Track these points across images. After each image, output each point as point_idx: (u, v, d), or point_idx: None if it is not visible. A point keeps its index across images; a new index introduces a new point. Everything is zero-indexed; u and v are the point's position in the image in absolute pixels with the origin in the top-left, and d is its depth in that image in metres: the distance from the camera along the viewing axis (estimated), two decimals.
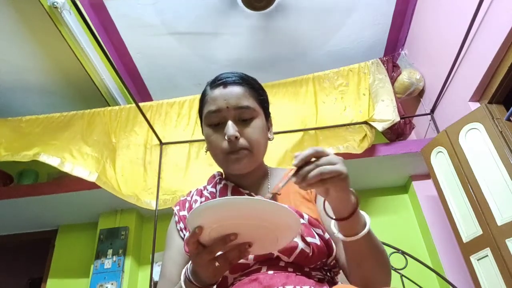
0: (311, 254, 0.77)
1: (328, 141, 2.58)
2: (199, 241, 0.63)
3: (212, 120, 0.87)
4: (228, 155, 0.85)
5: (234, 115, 0.86)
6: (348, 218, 0.68)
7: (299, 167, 0.64)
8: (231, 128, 0.83)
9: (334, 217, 0.70)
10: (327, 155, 0.64)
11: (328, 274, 0.82)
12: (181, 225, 0.92)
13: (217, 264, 0.64)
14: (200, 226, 0.60)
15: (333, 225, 0.74)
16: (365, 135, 2.58)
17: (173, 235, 0.93)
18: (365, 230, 0.69)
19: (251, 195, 0.88)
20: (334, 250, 0.81)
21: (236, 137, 0.83)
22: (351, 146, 2.52)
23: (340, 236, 0.71)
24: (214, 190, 0.94)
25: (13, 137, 2.72)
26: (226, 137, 0.83)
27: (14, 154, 2.55)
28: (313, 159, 0.64)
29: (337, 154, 2.42)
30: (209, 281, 0.68)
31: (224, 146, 0.85)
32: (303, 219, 0.82)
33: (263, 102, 0.93)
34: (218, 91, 0.87)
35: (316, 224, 0.81)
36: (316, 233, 0.80)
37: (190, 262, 0.72)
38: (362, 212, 0.71)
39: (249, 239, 0.63)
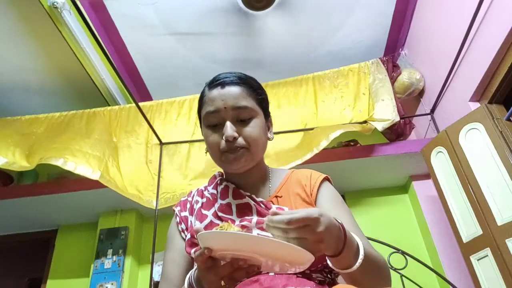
0: None
1: (327, 131, 2.55)
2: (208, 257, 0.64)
3: (210, 120, 0.87)
4: (226, 154, 0.85)
5: (232, 116, 0.85)
6: (333, 257, 0.65)
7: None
8: (229, 128, 0.83)
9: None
10: (303, 226, 0.58)
11: (328, 276, 0.82)
12: (183, 226, 0.92)
13: (222, 283, 0.64)
14: (209, 249, 0.61)
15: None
16: (366, 125, 2.58)
17: (174, 236, 0.93)
18: (357, 264, 0.65)
19: (251, 197, 0.88)
20: None
21: (235, 138, 0.83)
22: (350, 128, 2.50)
23: (333, 268, 0.69)
24: (215, 191, 0.94)
25: (20, 141, 2.72)
26: (224, 138, 0.83)
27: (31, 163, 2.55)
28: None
29: (338, 147, 2.38)
30: None
31: (221, 146, 0.85)
32: None
33: (262, 102, 0.93)
34: (216, 92, 0.87)
35: None
36: None
37: (195, 268, 0.72)
38: (355, 239, 0.68)
39: (258, 263, 0.64)
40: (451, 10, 2.43)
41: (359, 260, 0.66)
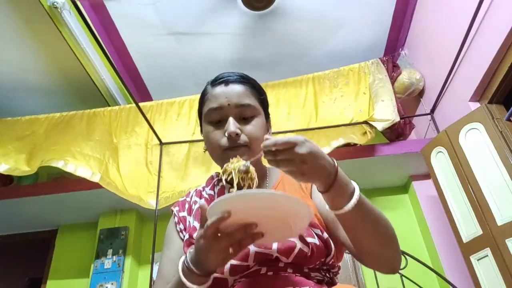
0: (309, 254, 0.76)
1: (328, 135, 2.57)
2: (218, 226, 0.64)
3: (212, 117, 0.87)
4: (227, 151, 0.84)
5: (236, 113, 0.85)
6: (325, 192, 0.67)
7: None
8: (232, 124, 0.83)
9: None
10: (288, 148, 0.63)
11: (327, 275, 0.82)
12: (181, 226, 0.91)
13: (230, 250, 0.64)
14: (229, 211, 0.61)
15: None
16: (365, 132, 2.59)
17: (173, 235, 0.92)
18: (351, 204, 0.67)
19: None
20: (333, 250, 0.81)
21: (237, 134, 0.83)
22: (351, 138, 2.52)
23: (329, 209, 0.71)
24: (212, 192, 0.94)
25: (20, 146, 2.72)
26: (226, 134, 0.83)
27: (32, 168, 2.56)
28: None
29: (338, 147, 2.40)
30: (215, 267, 0.68)
31: (223, 142, 0.84)
32: None
33: (263, 102, 0.93)
34: (220, 89, 0.87)
35: (315, 224, 0.81)
36: (315, 233, 0.80)
37: (189, 252, 0.71)
38: (352, 184, 0.70)
39: (264, 229, 0.65)
40: (451, 10, 2.43)
41: (354, 200, 0.67)
